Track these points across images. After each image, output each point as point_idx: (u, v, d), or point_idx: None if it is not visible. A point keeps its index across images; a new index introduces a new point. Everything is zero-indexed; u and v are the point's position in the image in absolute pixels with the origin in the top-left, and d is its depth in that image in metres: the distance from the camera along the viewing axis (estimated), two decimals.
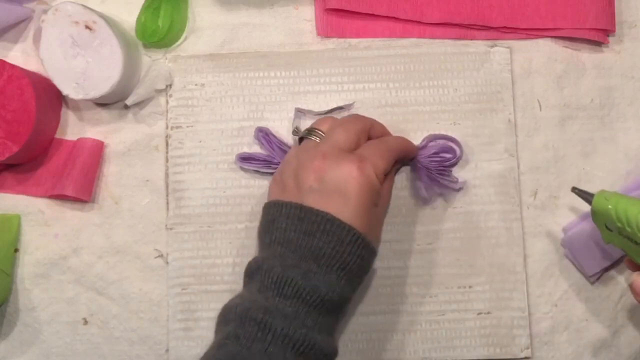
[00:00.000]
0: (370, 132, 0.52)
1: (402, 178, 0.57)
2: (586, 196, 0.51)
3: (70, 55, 0.54)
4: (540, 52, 0.59)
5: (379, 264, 0.56)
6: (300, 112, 0.58)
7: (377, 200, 0.49)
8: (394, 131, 0.57)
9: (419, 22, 0.58)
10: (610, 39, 0.59)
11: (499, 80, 0.58)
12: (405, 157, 0.54)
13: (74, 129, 0.58)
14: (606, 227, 0.49)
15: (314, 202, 0.46)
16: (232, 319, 0.45)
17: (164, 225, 0.57)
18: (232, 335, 0.44)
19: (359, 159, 0.47)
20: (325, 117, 0.54)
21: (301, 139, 0.52)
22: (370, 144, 0.51)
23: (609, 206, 0.47)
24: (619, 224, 0.47)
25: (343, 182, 0.46)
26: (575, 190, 0.52)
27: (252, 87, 0.58)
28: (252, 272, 0.47)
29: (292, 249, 0.46)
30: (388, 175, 0.52)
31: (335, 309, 0.46)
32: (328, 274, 0.45)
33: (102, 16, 0.54)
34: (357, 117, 0.53)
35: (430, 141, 0.57)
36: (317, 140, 0.51)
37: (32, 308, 0.57)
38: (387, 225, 0.56)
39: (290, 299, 0.44)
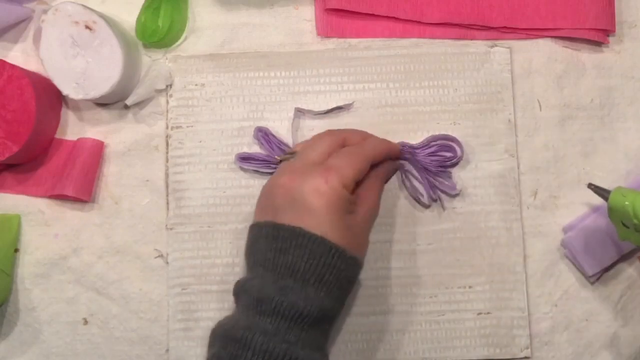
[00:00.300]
0: (346, 142, 0.52)
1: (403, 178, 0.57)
2: (602, 193, 0.50)
3: (70, 55, 0.54)
4: (540, 52, 0.59)
5: (379, 264, 0.56)
6: (300, 112, 0.58)
7: (349, 208, 0.48)
8: (394, 131, 0.57)
9: (419, 22, 0.58)
10: (610, 39, 0.59)
11: (499, 80, 0.58)
12: (386, 158, 0.54)
13: (74, 129, 0.58)
14: (622, 224, 0.49)
15: (287, 219, 0.46)
16: (217, 341, 0.45)
17: (164, 225, 0.57)
18: (216, 357, 0.44)
19: (324, 169, 0.48)
20: (303, 141, 0.55)
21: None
22: (339, 152, 0.50)
23: (626, 202, 0.47)
24: (635, 221, 0.47)
25: (309, 195, 0.46)
26: (591, 186, 0.51)
27: (252, 87, 0.58)
28: (237, 293, 0.48)
29: (270, 267, 0.46)
30: (368, 180, 0.52)
31: (317, 322, 0.45)
32: (305, 288, 0.45)
33: (102, 16, 0.54)
34: (329, 132, 0.53)
35: (431, 141, 0.57)
36: (290, 159, 0.52)
37: (32, 308, 0.57)
38: (387, 226, 0.56)
39: (269, 316, 0.44)
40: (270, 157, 0.57)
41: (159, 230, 0.57)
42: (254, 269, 0.48)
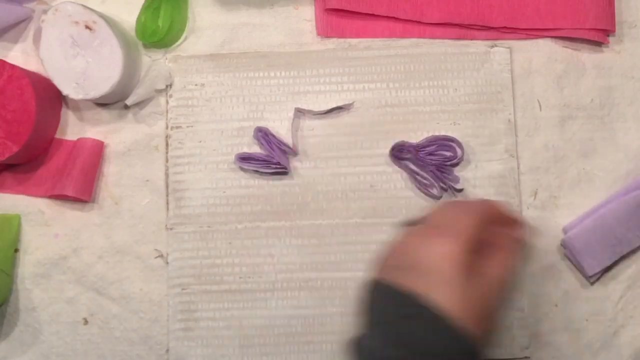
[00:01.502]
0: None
1: (403, 178, 0.57)
2: None
3: (70, 55, 0.54)
4: (540, 52, 0.59)
5: None
6: (300, 112, 0.58)
7: (467, 274, 0.43)
8: (394, 131, 0.57)
9: (419, 22, 0.58)
10: (610, 39, 0.59)
11: (499, 80, 0.58)
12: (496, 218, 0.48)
13: (74, 129, 0.58)
14: None
15: (411, 284, 0.43)
16: None
17: (164, 225, 0.57)
18: None
19: (443, 231, 0.44)
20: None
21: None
22: (452, 212, 0.46)
23: None
24: None
25: (429, 258, 0.43)
26: None
27: (252, 87, 0.58)
28: (352, 349, 0.45)
29: (392, 334, 0.42)
30: (495, 250, 0.46)
31: None
32: None
33: (102, 16, 0.54)
34: (463, 203, 0.49)
35: (431, 141, 0.57)
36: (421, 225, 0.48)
37: (32, 308, 0.57)
38: (387, 226, 0.56)
39: None
40: (269, 157, 0.57)
41: (159, 230, 0.57)
42: (371, 327, 0.45)
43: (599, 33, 0.58)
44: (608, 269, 0.56)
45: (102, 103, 0.58)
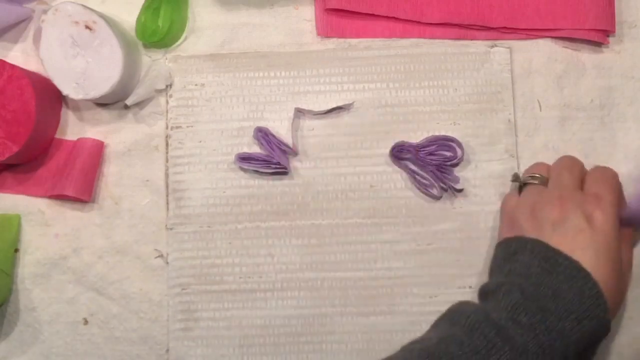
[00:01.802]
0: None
1: (403, 178, 0.57)
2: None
3: (70, 55, 0.54)
4: (540, 52, 0.59)
5: (379, 264, 0.56)
6: (300, 112, 0.58)
7: (619, 246, 0.47)
8: (394, 131, 0.57)
9: (419, 22, 0.58)
10: (610, 39, 0.59)
11: (499, 80, 0.58)
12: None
13: (74, 129, 0.58)
14: None
15: (558, 243, 0.46)
16: (460, 324, 0.45)
17: (164, 225, 0.57)
18: (457, 339, 0.44)
19: (596, 199, 0.47)
20: (537, 163, 0.55)
21: (521, 186, 0.54)
22: (595, 178, 0.50)
23: None
24: None
25: (585, 224, 0.46)
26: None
27: (252, 87, 0.58)
28: (487, 293, 0.47)
29: (533, 282, 0.45)
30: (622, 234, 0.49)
31: (554, 357, 0.43)
32: (563, 321, 0.43)
33: (102, 16, 0.54)
34: (571, 158, 0.53)
35: (431, 141, 0.57)
36: (538, 183, 0.52)
37: (32, 308, 0.57)
38: (387, 226, 0.57)
39: (522, 328, 0.43)
40: (269, 157, 0.57)
41: (159, 230, 0.57)
42: (509, 275, 0.46)
43: (599, 33, 0.58)
44: None
45: (102, 103, 0.58)
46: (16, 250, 0.57)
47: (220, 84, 0.58)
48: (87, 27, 0.54)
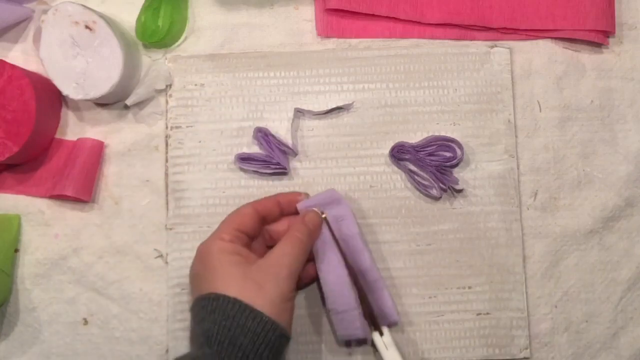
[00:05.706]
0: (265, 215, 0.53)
1: (402, 178, 0.57)
2: None
3: (70, 56, 0.54)
4: (541, 53, 0.59)
5: (379, 264, 0.56)
6: (299, 112, 0.58)
7: (235, 260, 0.48)
8: (394, 131, 0.57)
9: (419, 23, 0.58)
10: (610, 40, 0.59)
11: (499, 81, 0.58)
12: (275, 211, 0.53)
13: (74, 129, 0.58)
14: None
15: (202, 288, 0.48)
16: None
17: (164, 225, 0.57)
18: None
19: (211, 236, 0.50)
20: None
21: None
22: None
23: None
24: None
25: (209, 257, 0.49)
26: None
27: (252, 87, 0.58)
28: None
29: (194, 341, 0.48)
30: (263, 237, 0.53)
31: None
32: (220, 354, 0.45)
33: (102, 16, 0.54)
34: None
35: (431, 141, 0.57)
36: None
37: (32, 308, 0.57)
38: (387, 226, 0.57)
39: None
40: (269, 157, 0.57)
41: (159, 230, 0.57)
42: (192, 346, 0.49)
43: (599, 34, 0.58)
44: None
45: (102, 103, 0.58)
46: (16, 250, 0.57)
47: (220, 84, 0.58)
48: (87, 27, 0.54)
